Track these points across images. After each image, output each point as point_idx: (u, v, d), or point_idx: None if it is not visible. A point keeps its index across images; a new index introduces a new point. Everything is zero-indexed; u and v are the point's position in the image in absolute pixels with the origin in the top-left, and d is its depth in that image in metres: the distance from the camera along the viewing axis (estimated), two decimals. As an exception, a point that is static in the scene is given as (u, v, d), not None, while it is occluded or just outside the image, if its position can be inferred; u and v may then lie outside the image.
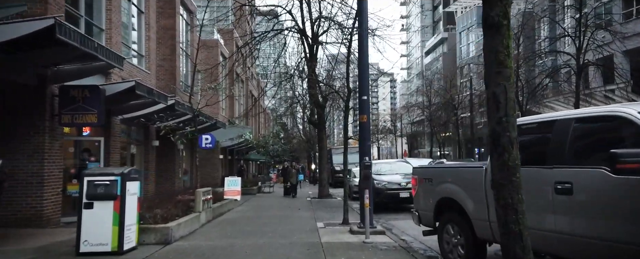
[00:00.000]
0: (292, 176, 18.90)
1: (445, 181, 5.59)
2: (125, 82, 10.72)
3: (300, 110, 37.56)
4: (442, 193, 5.62)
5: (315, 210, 13.16)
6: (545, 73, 26.44)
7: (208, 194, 9.91)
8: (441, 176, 5.71)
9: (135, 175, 6.62)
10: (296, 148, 48.30)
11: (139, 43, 15.87)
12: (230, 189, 16.50)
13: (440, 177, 5.73)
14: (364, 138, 7.97)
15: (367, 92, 8.03)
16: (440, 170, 5.92)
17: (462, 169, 5.49)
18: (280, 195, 20.74)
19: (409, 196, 12.36)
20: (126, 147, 14.72)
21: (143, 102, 12.21)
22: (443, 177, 5.67)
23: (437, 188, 5.72)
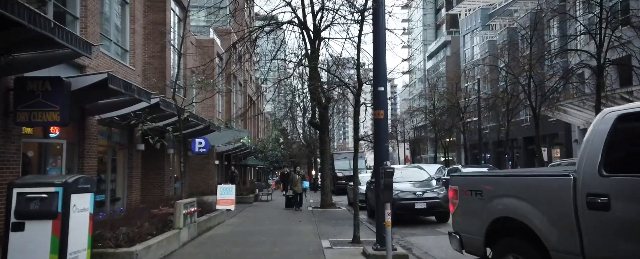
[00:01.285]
0: (296, 183, 15.80)
1: (505, 194, 4.04)
2: (96, 74, 9.19)
3: (300, 113, 36.15)
4: (499, 210, 4.07)
5: (318, 223, 11.58)
6: (559, 74, 24.97)
7: (192, 206, 8.34)
8: (498, 188, 4.15)
9: (85, 184, 5.06)
10: (296, 153, 46.71)
11: (122, 36, 14.36)
12: (223, 198, 14.95)
13: (496, 189, 4.17)
14: (380, 139, 6.44)
15: (384, 82, 6.51)
16: (497, 178, 4.35)
17: (533, 179, 3.91)
18: (281, 204, 19.08)
19: (426, 207, 10.81)
20: (106, 152, 13.16)
21: (123, 99, 10.68)
22: (501, 189, 4.12)
23: (492, 204, 4.16)
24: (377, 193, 6.50)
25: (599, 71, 20.07)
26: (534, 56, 25.12)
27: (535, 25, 25.82)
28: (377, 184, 6.44)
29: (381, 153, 6.42)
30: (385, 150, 6.44)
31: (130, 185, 14.31)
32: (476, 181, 4.49)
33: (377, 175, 6.41)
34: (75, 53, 8.04)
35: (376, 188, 6.48)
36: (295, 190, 15.86)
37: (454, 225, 4.87)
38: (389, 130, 50.08)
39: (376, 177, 6.49)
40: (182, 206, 7.63)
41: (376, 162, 6.51)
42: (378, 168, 6.43)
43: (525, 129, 37.18)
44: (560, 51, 22.14)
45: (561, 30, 26.31)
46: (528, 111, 34.40)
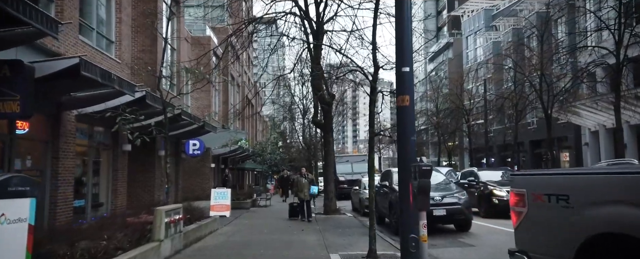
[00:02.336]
0: (302, 188, 13.13)
1: (610, 201, 2.78)
2: (66, 58, 7.93)
3: (299, 115, 34.94)
4: (600, 224, 2.80)
5: (324, 232, 10.29)
6: (569, 74, 23.79)
7: (177, 213, 7.06)
8: (597, 192, 2.89)
9: (20, 187, 3.79)
10: (295, 156, 45.41)
11: (107, 26, 13.11)
12: (217, 203, 13.66)
13: (593, 193, 2.91)
14: (405, 131, 5.19)
15: (409, 61, 5.27)
16: (593, 178, 3.07)
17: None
18: (280, 210, 17.70)
19: (445, 214, 9.53)
20: (87, 152, 11.87)
21: (104, 92, 9.44)
22: (602, 194, 2.86)
23: (587, 215, 2.90)
24: (401, 196, 5.24)
25: (617, 69, 18.87)
26: (545, 54, 23.95)
27: (546, 22, 24.67)
28: (402, 186, 5.17)
29: (407, 149, 5.17)
30: (412, 145, 5.19)
31: (115, 189, 13.02)
32: (558, 182, 3.22)
33: (404, 176, 5.14)
34: (37, 32, 6.78)
35: (401, 189, 5.21)
36: (301, 197, 13.15)
37: (518, 242, 3.61)
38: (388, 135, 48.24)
39: (401, 177, 5.22)
40: (163, 214, 6.34)
41: (401, 159, 5.26)
42: (405, 166, 5.18)
43: (531, 132, 35.98)
44: (575, 48, 20.91)
45: (571, 28, 25.17)
46: (535, 113, 33.24)
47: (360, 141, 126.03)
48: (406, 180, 5.24)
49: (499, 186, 12.49)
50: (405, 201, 5.27)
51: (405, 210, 5.25)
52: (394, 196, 10.21)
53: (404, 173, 5.28)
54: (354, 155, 37.29)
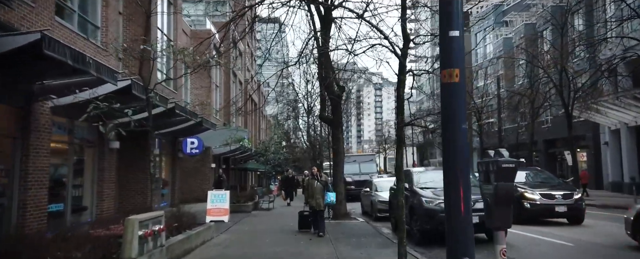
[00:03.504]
0: (313, 194, 10.16)
1: None
2: (24, 33, 6.61)
3: (303, 113, 33.56)
4: None
5: (336, 242, 8.93)
6: (588, 69, 22.36)
7: (157, 223, 5.68)
8: None
9: None
10: (299, 156, 44.04)
11: (92, 9, 11.80)
12: (214, 207, 12.32)
13: None
14: (454, 116, 3.81)
15: (459, 24, 3.91)
16: None
17: None
18: (284, 213, 16.28)
19: (478, 222, 8.13)
20: (67, 150, 10.56)
21: (81, 80, 8.14)
22: None
23: None
24: (449, 204, 3.87)
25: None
26: (565, 47, 22.48)
27: (566, 13, 23.20)
28: (451, 191, 3.79)
29: (457, 140, 3.80)
30: (464, 135, 3.82)
31: (101, 191, 11.71)
32: None
33: (452, 177, 3.76)
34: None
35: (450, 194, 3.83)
36: (312, 205, 10.10)
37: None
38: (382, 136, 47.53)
39: (447, 177, 3.84)
40: (135, 225, 4.96)
41: (449, 154, 3.88)
42: (453, 164, 3.81)
43: (545, 131, 34.52)
44: (603, 39, 19.42)
45: (588, 21, 23.68)
46: (550, 111, 31.75)
47: (365, 141, 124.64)
48: (455, 183, 3.87)
49: (529, 188, 11.09)
50: (454, 211, 3.91)
51: (454, 223, 3.89)
52: (416, 200, 8.84)
53: (452, 173, 3.91)
54: (362, 155, 35.89)
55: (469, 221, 3.89)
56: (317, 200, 10.04)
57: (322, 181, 10.28)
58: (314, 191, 10.07)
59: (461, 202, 3.86)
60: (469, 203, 3.92)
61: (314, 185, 10.18)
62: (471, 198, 7.94)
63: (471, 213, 4.00)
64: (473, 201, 8.19)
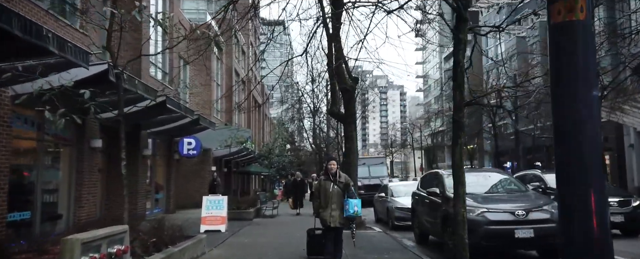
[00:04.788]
0: (327, 202, 6.47)
1: None
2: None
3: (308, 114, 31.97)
4: None
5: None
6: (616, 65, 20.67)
7: (115, 242, 4.05)
8: None
9: None
10: (304, 160, 42.51)
11: (70, -12, 10.33)
12: (210, 215, 10.76)
13: None
14: (577, 74, 2.26)
15: None
16: None
17: None
18: (290, 222, 14.66)
19: (533, 236, 6.52)
20: (37, 148, 9.05)
21: (43, 62, 6.66)
22: None
23: None
24: (567, 212, 2.27)
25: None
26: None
27: (593, 4, 21.49)
28: (578, 192, 2.17)
29: (581, 114, 2.23)
30: (593, 104, 2.25)
31: (79, 197, 10.20)
32: None
33: (580, 173, 2.15)
34: None
35: (570, 198, 2.24)
36: (325, 219, 6.43)
37: None
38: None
39: (566, 177, 2.24)
40: (76, 248, 3.35)
41: (564, 138, 2.30)
42: (574, 155, 2.22)
43: (563, 133, 32.75)
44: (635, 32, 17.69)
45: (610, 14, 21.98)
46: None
47: (370, 144, 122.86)
48: (581, 185, 2.28)
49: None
50: (580, 223, 2.31)
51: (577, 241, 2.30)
52: (453, 209, 7.19)
53: (576, 170, 2.31)
54: (371, 157, 34.18)
55: (607, 243, 2.30)
56: (334, 211, 6.29)
57: (342, 183, 6.43)
58: (328, 198, 6.35)
59: (593, 214, 2.28)
60: (607, 216, 2.33)
61: (329, 189, 6.37)
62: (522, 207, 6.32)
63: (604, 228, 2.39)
64: (525, 211, 6.62)
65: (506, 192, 7.62)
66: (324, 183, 6.52)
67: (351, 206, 6.27)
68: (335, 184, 6.43)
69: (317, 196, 6.61)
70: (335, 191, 6.41)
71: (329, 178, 6.50)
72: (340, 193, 6.43)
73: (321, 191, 6.52)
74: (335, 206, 6.35)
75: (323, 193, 6.47)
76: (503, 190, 7.73)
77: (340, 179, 6.48)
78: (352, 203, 6.29)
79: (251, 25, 33.29)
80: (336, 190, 6.42)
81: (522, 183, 8.47)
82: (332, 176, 6.48)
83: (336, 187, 6.43)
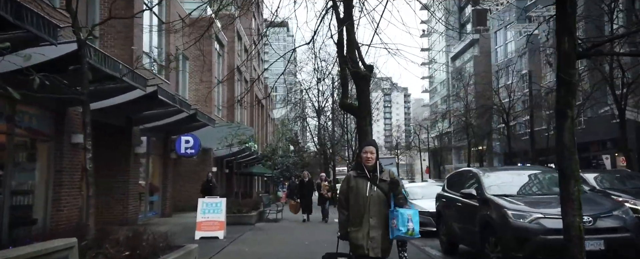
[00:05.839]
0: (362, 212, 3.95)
1: None
2: None
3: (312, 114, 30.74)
4: None
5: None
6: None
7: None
8: None
9: None
10: (308, 162, 41.31)
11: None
12: (206, 219, 9.55)
13: None
14: None
15: None
16: None
17: None
18: (296, 227, 13.29)
19: (603, 248, 5.25)
20: (6, 143, 7.84)
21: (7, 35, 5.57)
22: None
23: None
24: None
25: None
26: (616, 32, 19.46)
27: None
28: None
29: None
30: None
31: (58, 199, 8.99)
32: None
33: None
34: None
35: None
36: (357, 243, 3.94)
37: None
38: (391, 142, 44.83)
39: None
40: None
41: None
42: None
43: (578, 133, 31.44)
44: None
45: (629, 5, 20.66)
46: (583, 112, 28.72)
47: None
48: None
49: (632, 197, 8.14)
50: None
51: None
52: (496, 214, 6.00)
53: None
54: (382, 158, 32.75)
55: None
56: (374, 230, 3.90)
57: (385, 183, 4.03)
58: (364, 207, 3.97)
59: None
60: None
61: (365, 192, 3.99)
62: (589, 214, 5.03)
63: None
64: (592, 217, 5.34)
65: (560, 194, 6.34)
66: (356, 182, 4.02)
67: (403, 220, 3.77)
68: (374, 184, 3.95)
69: (342, 205, 4.14)
70: (376, 197, 3.92)
71: (364, 174, 4.00)
72: (383, 198, 3.94)
73: (351, 197, 4.03)
74: (376, 222, 3.87)
75: (354, 200, 3.99)
76: (556, 192, 6.45)
77: (382, 176, 4.00)
78: (403, 215, 3.79)
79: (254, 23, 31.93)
80: (376, 194, 3.93)
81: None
82: (370, 171, 4.00)
83: (376, 190, 3.94)
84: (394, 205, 3.92)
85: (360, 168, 4.10)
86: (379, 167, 4.07)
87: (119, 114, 11.28)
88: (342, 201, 4.18)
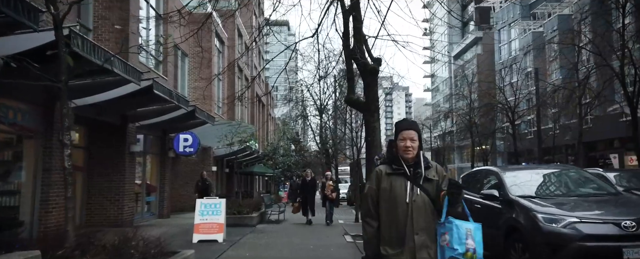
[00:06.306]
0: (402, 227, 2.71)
1: None
2: None
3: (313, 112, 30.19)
4: None
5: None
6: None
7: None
8: None
9: None
10: (310, 161, 40.74)
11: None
12: (205, 221, 8.98)
13: None
14: None
15: None
16: None
17: None
18: (300, 232, 12.57)
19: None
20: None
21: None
22: None
23: None
24: None
25: None
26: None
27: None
28: None
29: None
30: None
31: (47, 200, 8.43)
32: None
33: None
34: None
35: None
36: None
37: None
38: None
39: None
40: None
41: None
42: None
43: (585, 132, 30.88)
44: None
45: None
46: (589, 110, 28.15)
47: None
48: None
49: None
50: None
51: None
52: (524, 218, 5.44)
53: None
54: (386, 157, 32.12)
55: None
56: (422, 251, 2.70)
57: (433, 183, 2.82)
58: (406, 214, 2.74)
59: None
60: None
61: (404, 196, 2.76)
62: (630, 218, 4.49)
63: None
64: (634, 221, 4.76)
65: (593, 195, 5.77)
66: (390, 181, 2.82)
67: (459, 235, 2.65)
68: (417, 185, 2.79)
69: (371, 214, 2.86)
70: (420, 203, 2.76)
71: (402, 170, 2.81)
72: (430, 205, 2.78)
73: (382, 203, 2.83)
74: (425, 240, 2.72)
75: (389, 208, 2.80)
76: (587, 192, 5.88)
77: (428, 174, 2.82)
78: (460, 229, 2.66)
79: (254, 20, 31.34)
80: (421, 199, 2.76)
81: (607, 181, 6.61)
82: (410, 166, 2.81)
83: (421, 193, 2.77)
84: (445, 214, 2.69)
85: (396, 161, 2.82)
86: (424, 161, 2.84)
87: (114, 110, 10.73)
88: (369, 208, 2.85)
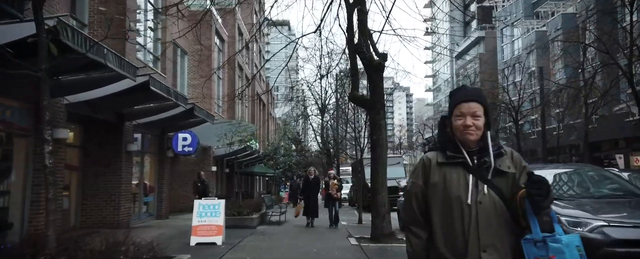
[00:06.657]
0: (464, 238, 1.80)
1: None
2: None
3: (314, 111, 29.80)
4: None
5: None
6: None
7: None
8: None
9: None
10: (311, 162, 40.37)
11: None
12: (203, 223, 8.62)
13: None
14: None
15: None
16: None
17: None
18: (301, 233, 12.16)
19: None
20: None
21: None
22: None
23: None
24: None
25: None
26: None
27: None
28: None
29: None
30: None
31: (38, 201, 8.05)
32: None
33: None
34: None
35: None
36: None
37: None
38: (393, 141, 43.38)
39: None
40: None
41: None
42: None
43: (590, 132, 30.51)
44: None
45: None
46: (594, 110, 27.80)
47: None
48: None
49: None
50: None
51: None
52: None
53: None
54: (388, 157, 31.72)
55: None
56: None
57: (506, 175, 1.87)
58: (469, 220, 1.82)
59: None
60: None
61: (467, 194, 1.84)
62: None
63: None
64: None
65: (620, 196, 5.39)
66: (444, 174, 1.92)
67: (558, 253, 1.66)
68: (483, 180, 1.87)
69: (416, 219, 1.99)
70: (489, 205, 1.83)
71: (462, 158, 1.92)
72: (503, 210, 1.83)
73: (434, 204, 1.94)
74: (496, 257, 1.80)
75: (443, 210, 1.91)
76: (612, 194, 5.50)
77: (499, 163, 1.89)
78: (572, 250, 1.66)
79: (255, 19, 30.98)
80: (489, 200, 1.83)
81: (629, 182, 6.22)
82: (472, 153, 1.91)
83: (488, 192, 1.84)
84: (539, 225, 1.73)
85: (452, 146, 1.94)
86: (494, 146, 1.90)
87: (109, 107, 10.38)
88: (414, 212, 2.00)
